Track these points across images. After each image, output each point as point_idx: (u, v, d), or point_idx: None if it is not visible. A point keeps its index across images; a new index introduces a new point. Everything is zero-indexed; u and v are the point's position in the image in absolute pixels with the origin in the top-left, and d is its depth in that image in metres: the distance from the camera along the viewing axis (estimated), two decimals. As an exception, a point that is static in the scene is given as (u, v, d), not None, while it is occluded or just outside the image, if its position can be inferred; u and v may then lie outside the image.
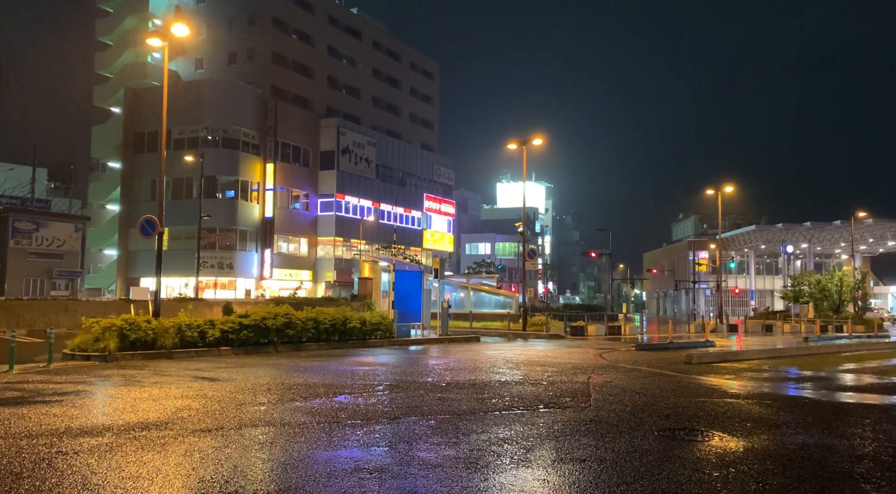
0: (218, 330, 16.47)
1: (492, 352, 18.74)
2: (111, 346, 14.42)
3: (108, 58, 59.71)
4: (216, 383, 10.92)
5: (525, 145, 30.59)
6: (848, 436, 7.26)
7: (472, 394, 10.02)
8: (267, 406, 8.65)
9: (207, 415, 7.93)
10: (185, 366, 13.46)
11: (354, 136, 56.88)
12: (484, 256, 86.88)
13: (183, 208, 44.84)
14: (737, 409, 9.08)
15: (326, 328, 18.84)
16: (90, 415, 8.06)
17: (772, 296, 73.78)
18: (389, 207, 60.91)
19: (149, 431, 6.98)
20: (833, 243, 72.66)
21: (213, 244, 47.31)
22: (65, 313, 24.87)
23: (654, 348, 21.53)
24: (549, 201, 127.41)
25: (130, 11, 58.75)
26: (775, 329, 37.85)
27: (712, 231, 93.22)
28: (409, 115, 72.18)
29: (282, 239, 52.17)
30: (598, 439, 6.91)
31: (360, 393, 10.01)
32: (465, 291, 39.03)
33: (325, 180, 54.96)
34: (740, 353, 18.65)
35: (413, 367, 14.34)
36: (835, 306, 45.42)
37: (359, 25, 66.27)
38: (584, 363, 15.58)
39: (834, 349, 23.32)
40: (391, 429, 7.32)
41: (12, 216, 41.58)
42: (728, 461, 6.09)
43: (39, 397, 9.30)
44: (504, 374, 12.90)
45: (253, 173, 49.77)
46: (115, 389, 10.34)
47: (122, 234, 50.02)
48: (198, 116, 47.86)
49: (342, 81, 63.31)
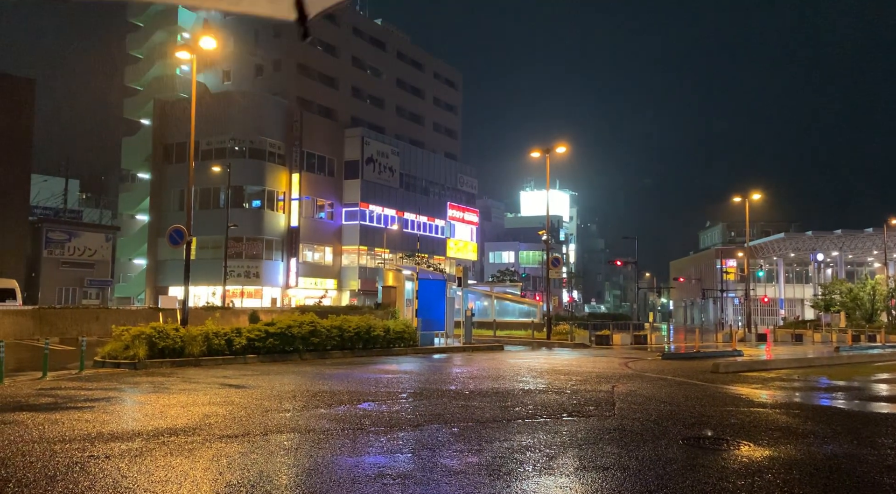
0: (244, 338, 16.68)
1: (515, 361, 18.70)
2: (140, 354, 14.68)
3: (138, 71, 60.98)
4: (242, 390, 11.07)
5: (548, 153, 30.54)
6: (878, 446, 7.14)
7: (495, 402, 10.03)
8: (292, 413, 8.75)
9: (234, 421, 8.05)
10: (213, 373, 13.65)
11: (378, 145, 57.29)
12: (508, 264, 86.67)
13: (210, 217, 45.49)
14: (763, 418, 8.97)
15: (351, 337, 18.96)
16: (121, 421, 8.23)
17: (802, 305, 72.46)
18: (413, 215, 61.16)
19: (177, 436, 7.11)
20: (865, 250, 71.23)
21: (240, 253, 47.90)
22: (95, 321, 25.37)
23: (680, 357, 21.29)
24: (574, 208, 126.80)
25: (160, 26, 59.99)
26: (805, 339, 37.18)
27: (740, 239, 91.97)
28: (432, 124, 72.51)
29: (307, 248, 52.64)
30: (621, 447, 6.88)
31: (384, 401, 10.07)
32: (489, 299, 38.98)
33: (350, 190, 55.39)
34: (769, 362, 18.37)
35: (436, 375, 14.38)
36: (867, 315, 44.46)
37: (382, 36, 66.87)
38: (609, 371, 15.48)
39: (866, 358, 22.84)
40: (414, 436, 7.36)
41: (46, 227, 42.60)
42: (753, 470, 6.02)
43: (72, 403, 9.52)
44: (527, 382, 12.88)
45: (279, 183, 50.35)
46: (144, 395, 10.53)
47: (150, 243, 50.87)
48: (225, 127, 48.61)
49: (366, 92, 63.87)
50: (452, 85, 77.10)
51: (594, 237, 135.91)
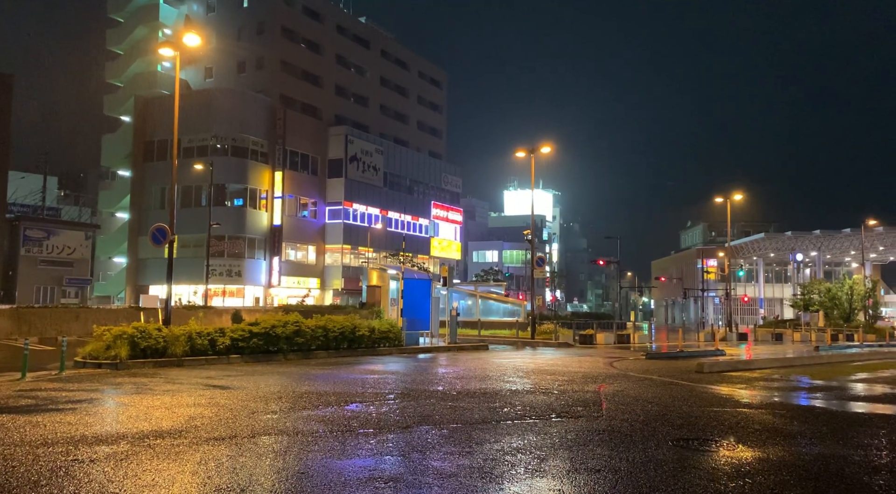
0: (228, 338, 16.52)
1: (501, 360, 18.71)
2: (122, 354, 14.48)
3: (119, 67, 60.19)
4: (227, 391, 10.94)
5: (533, 153, 30.59)
6: (864, 447, 7.21)
7: (483, 403, 10.00)
8: (279, 415, 8.66)
9: (220, 423, 7.95)
10: (196, 374, 13.50)
11: (362, 144, 57.07)
12: (491, 263, 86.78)
13: (192, 215, 45.00)
14: (750, 419, 9.03)
15: (335, 336, 18.85)
16: (104, 423, 8.10)
17: (781, 304, 73.32)
18: (397, 214, 61.01)
19: (163, 439, 7.00)
20: (843, 251, 72.24)
21: (222, 252, 47.47)
22: (75, 320, 24.99)
23: (663, 356, 21.43)
24: (557, 208, 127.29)
25: (141, 21, 59.24)
26: (785, 338, 37.64)
27: (721, 239, 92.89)
28: (416, 123, 72.37)
29: (290, 247, 52.31)
30: (611, 449, 6.88)
31: (372, 402, 10.01)
32: (474, 299, 38.99)
33: (333, 188, 55.12)
34: (751, 362, 18.54)
35: (423, 375, 14.33)
36: (845, 314, 45.08)
37: (367, 34, 66.60)
38: (595, 371, 15.53)
39: (845, 358, 23.15)
40: (404, 438, 7.31)
41: (24, 225, 41.91)
42: (744, 472, 6.05)
43: (53, 404, 9.35)
44: (514, 383, 12.88)
45: (261, 181, 49.97)
46: (127, 397, 10.38)
47: (131, 242, 50.26)
48: (207, 125, 48.14)
49: (350, 90, 63.57)
50: (437, 84, 77.00)
51: (577, 237, 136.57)
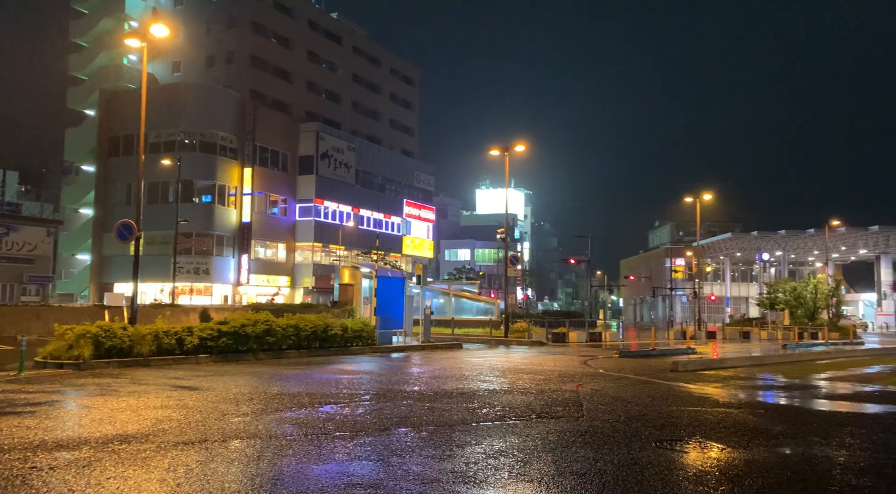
0: (196, 337, 16.08)
1: (476, 359, 18.54)
2: (86, 353, 13.97)
3: (83, 60, 58.70)
4: (196, 392, 10.58)
5: (507, 152, 30.46)
6: (847, 447, 7.17)
7: (461, 404, 9.81)
8: (251, 417, 8.35)
9: (189, 427, 7.62)
10: (164, 374, 13.07)
11: (334, 141, 56.48)
12: (464, 262, 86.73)
13: (159, 212, 44.06)
14: (731, 419, 8.97)
15: (307, 336, 18.51)
16: (66, 427, 7.71)
17: (747, 303, 74.58)
18: (369, 212, 60.56)
19: (129, 444, 6.66)
20: (807, 250, 73.72)
21: (189, 249, 46.58)
22: (36, 319, 24.21)
23: (637, 355, 21.49)
24: (528, 207, 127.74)
25: (106, 13, 57.85)
26: (752, 336, 38.18)
27: (688, 239, 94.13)
28: (389, 120, 71.92)
29: (259, 244, 51.54)
30: (595, 451, 6.73)
31: (347, 403, 9.75)
32: (447, 297, 38.82)
33: (304, 185, 54.46)
34: (724, 360, 18.67)
35: (398, 375, 14.09)
36: (810, 313, 45.84)
37: (339, 30, 65.96)
38: (571, 370, 15.44)
39: (813, 356, 23.49)
40: (382, 441, 7.08)
41: (-19, 220, 40.51)
42: (731, 475, 5.93)
43: (10, 407, 8.90)
44: (491, 382, 12.71)
45: (230, 178, 49.13)
46: (90, 399, 9.95)
47: (95, 238, 49.05)
48: (175, 120, 47.15)
49: (322, 86, 62.90)
50: (409, 82, 76.62)
51: (548, 236, 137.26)
